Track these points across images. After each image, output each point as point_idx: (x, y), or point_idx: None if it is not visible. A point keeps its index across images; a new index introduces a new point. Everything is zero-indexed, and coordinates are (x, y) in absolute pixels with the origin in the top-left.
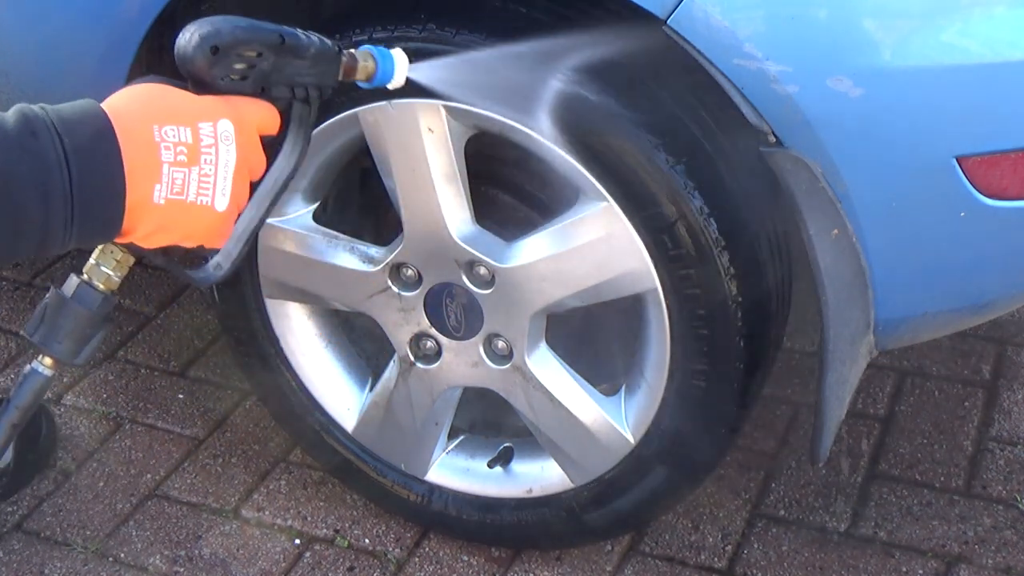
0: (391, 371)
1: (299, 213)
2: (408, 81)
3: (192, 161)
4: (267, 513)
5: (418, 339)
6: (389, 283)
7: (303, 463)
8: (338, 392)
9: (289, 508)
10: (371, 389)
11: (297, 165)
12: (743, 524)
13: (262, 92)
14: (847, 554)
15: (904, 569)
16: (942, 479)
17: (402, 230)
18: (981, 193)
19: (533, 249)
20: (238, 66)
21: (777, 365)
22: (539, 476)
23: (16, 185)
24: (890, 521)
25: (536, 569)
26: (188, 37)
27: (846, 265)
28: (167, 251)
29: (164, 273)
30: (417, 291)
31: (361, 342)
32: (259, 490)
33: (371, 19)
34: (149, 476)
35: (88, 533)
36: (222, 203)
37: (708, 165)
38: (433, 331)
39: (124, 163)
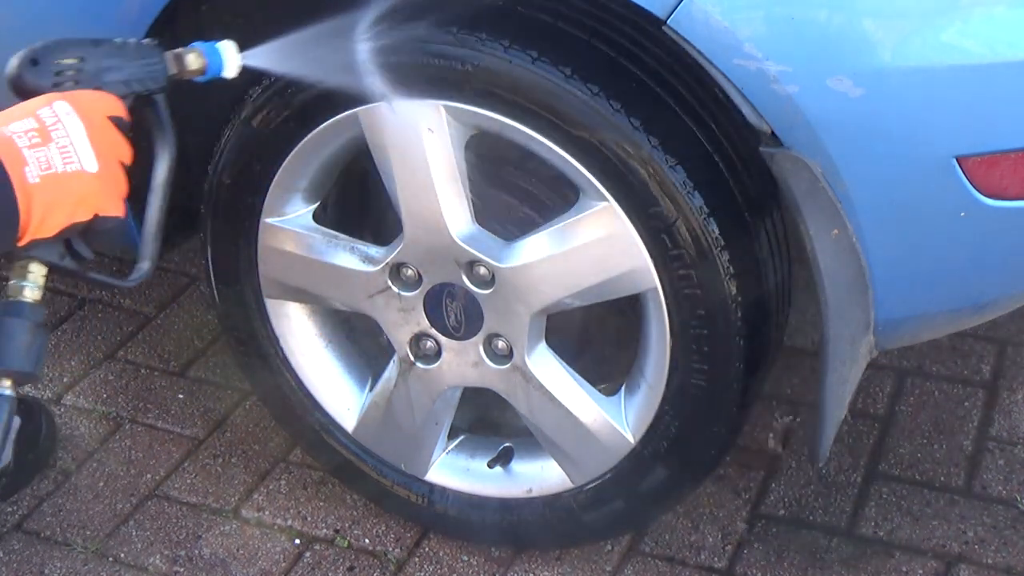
0: (391, 371)
1: (299, 213)
2: (245, 69)
3: (46, 139)
4: (267, 513)
5: (418, 339)
6: (389, 283)
7: (303, 463)
8: (338, 392)
9: (289, 508)
10: (371, 389)
11: (172, 155)
12: (743, 524)
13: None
14: (847, 554)
15: (904, 569)
16: (942, 479)
17: (402, 230)
18: (981, 193)
19: (533, 249)
20: (65, 72)
21: (777, 365)
22: (539, 476)
23: None
24: (890, 521)
25: (536, 569)
26: (11, 62)
27: (846, 265)
28: (80, 274)
29: (164, 273)
30: (417, 291)
31: (361, 342)
32: (259, 490)
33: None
34: (149, 476)
35: (88, 533)
36: (91, 164)
37: (708, 165)
38: (433, 331)
39: None
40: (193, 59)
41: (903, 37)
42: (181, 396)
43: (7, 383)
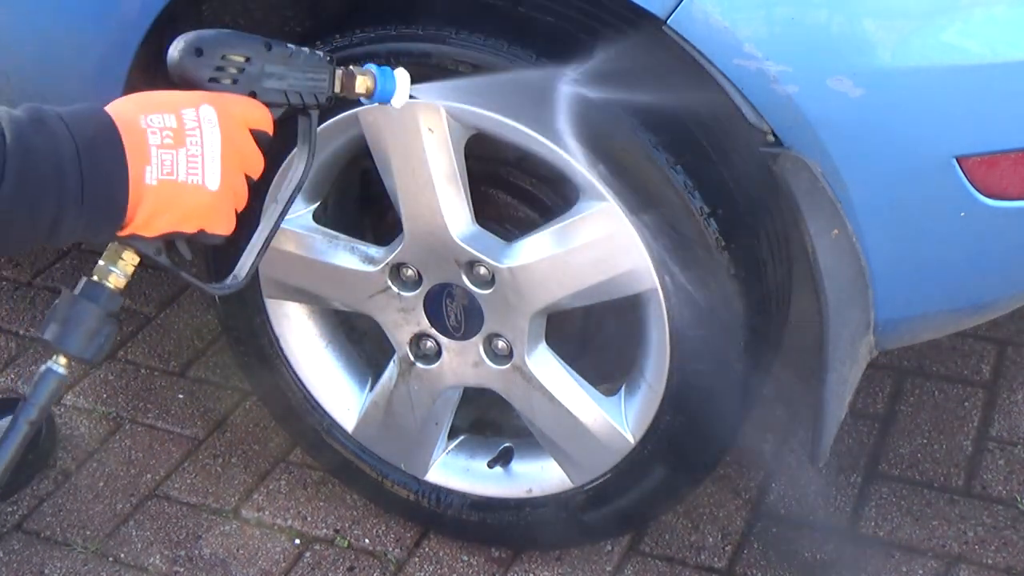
0: (391, 371)
1: (299, 213)
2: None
3: (178, 143)
4: (267, 513)
5: (418, 339)
6: (389, 283)
7: (303, 463)
8: (338, 392)
9: (289, 508)
10: (371, 389)
11: (306, 174)
12: (743, 524)
13: (252, 96)
14: (847, 554)
15: (904, 569)
16: (942, 479)
17: (402, 230)
18: (981, 193)
19: (533, 249)
20: (226, 69)
21: (777, 365)
22: (539, 476)
23: (33, 160)
24: (890, 521)
25: (536, 569)
26: (176, 43)
27: (846, 265)
28: (178, 261)
29: (164, 273)
30: (417, 291)
31: (361, 342)
32: (259, 490)
33: (371, 19)
34: (149, 476)
35: (88, 533)
36: (213, 182)
37: (708, 165)
38: (433, 331)
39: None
40: (363, 81)
41: (903, 37)
42: (181, 396)
43: (62, 361)
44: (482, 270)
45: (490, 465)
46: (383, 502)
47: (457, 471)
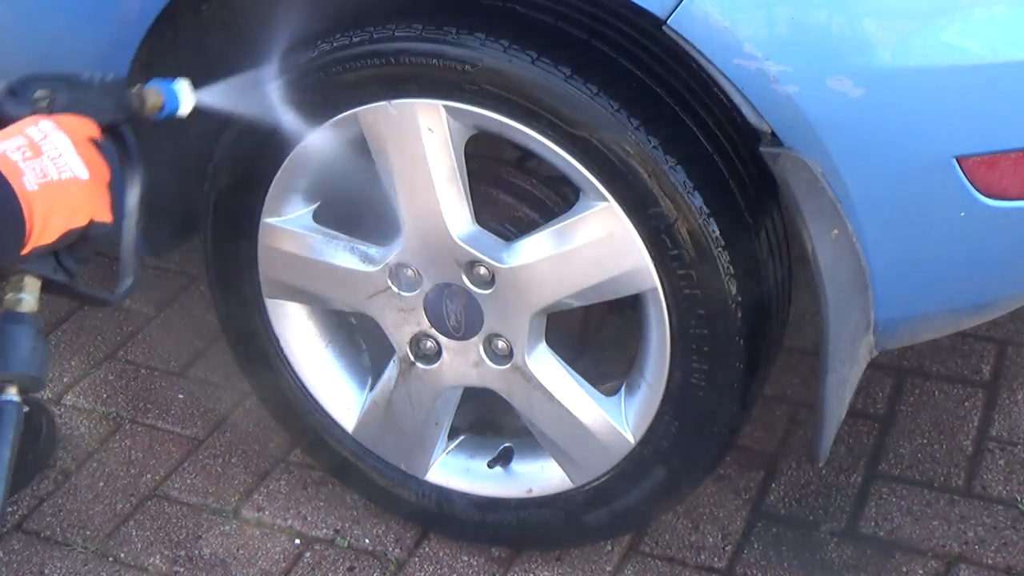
0: (391, 371)
1: (299, 213)
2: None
3: (37, 152)
4: (267, 513)
5: (418, 339)
6: (389, 283)
7: (303, 463)
8: (338, 392)
9: (289, 508)
10: (371, 389)
11: (141, 182)
12: (743, 524)
13: None
14: (847, 554)
15: (904, 569)
16: (942, 479)
17: (402, 230)
18: (981, 193)
19: (533, 249)
20: (39, 101)
21: (777, 365)
22: (539, 476)
23: None
24: (890, 521)
25: (536, 569)
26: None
27: (846, 265)
28: (71, 289)
29: (164, 273)
30: (417, 291)
31: (361, 342)
32: (259, 490)
33: (371, 19)
34: (149, 476)
35: (88, 533)
36: (82, 172)
37: (708, 165)
38: (433, 331)
39: None
40: (157, 97)
41: (903, 37)
42: (181, 396)
43: (12, 390)
44: (482, 270)
45: (490, 465)
46: (383, 502)
47: (457, 471)
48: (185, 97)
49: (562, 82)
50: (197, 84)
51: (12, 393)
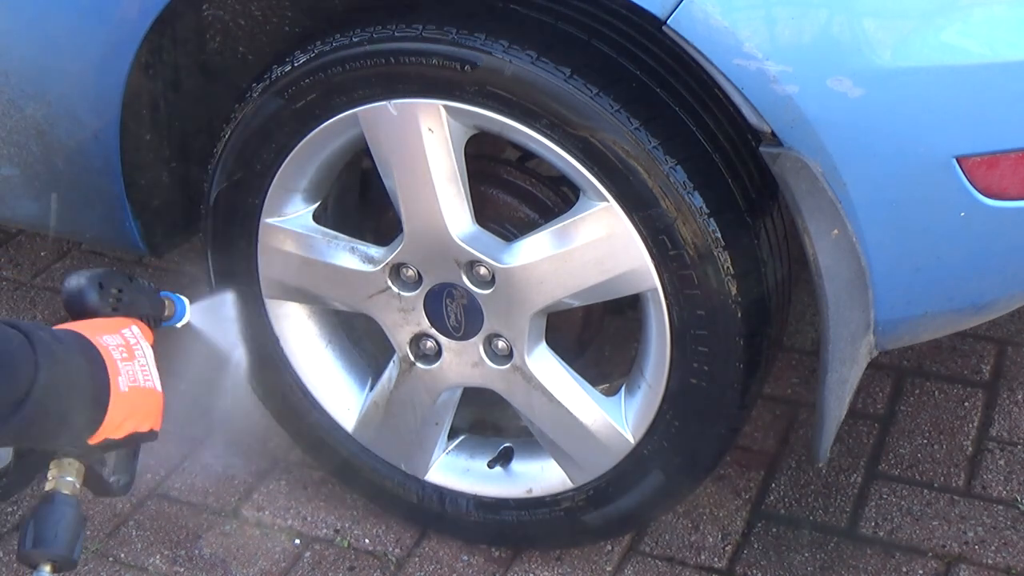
0: (391, 371)
1: (299, 213)
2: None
3: (131, 355)
4: (267, 513)
5: (418, 339)
6: (389, 283)
7: (303, 463)
8: (338, 392)
9: (289, 508)
10: (371, 389)
11: None
12: (743, 524)
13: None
14: (847, 554)
15: (904, 569)
16: (942, 479)
17: (402, 230)
18: (981, 193)
19: (533, 249)
20: (112, 299)
21: (777, 365)
22: (539, 476)
23: (59, 371)
24: (890, 521)
25: (536, 569)
26: (75, 279)
27: (846, 265)
28: (102, 480)
29: (164, 273)
30: (417, 291)
31: (361, 342)
32: (259, 490)
33: (371, 19)
34: (149, 476)
35: (88, 533)
36: (158, 384)
37: (708, 165)
38: (433, 331)
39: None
40: (169, 305)
41: (903, 37)
42: (181, 396)
43: (47, 568)
44: (482, 270)
45: (490, 465)
46: (383, 502)
47: (457, 471)
48: (187, 311)
49: (562, 82)
50: (196, 84)
51: (46, 571)
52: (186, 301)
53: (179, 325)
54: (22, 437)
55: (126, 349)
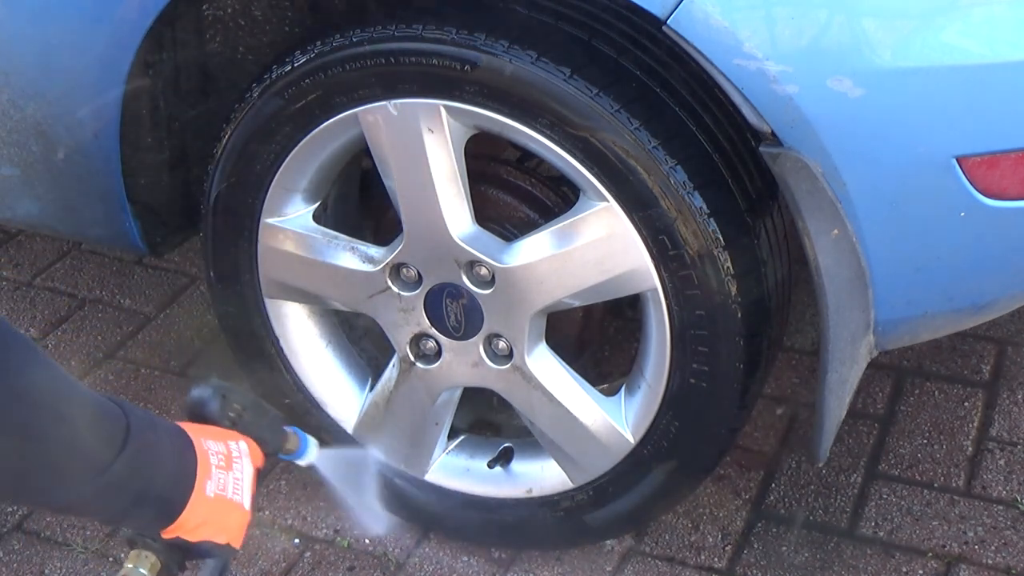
0: (391, 371)
1: (299, 213)
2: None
3: (228, 467)
4: (267, 513)
5: (418, 339)
6: (389, 283)
7: None
8: (338, 392)
9: (289, 508)
10: (371, 389)
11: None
12: (743, 524)
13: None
14: (847, 554)
15: (904, 569)
16: (942, 479)
17: (402, 230)
18: (981, 193)
19: (533, 249)
20: (233, 413)
21: (777, 365)
22: (539, 476)
23: (147, 453)
24: (890, 521)
25: (536, 569)
26: (204, 388)
27: (846, 265)
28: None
29: (164, 273)
30: (417, 291)
31: (361, 342)
32: (259, 490)
33: (372, 18)
34: None
35: (88, 533)
36: (248, 503)
37: (708, 165)
38: (433, 331)
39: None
40: (293, 439)
41: (903, 37)
42: (181, 396)
43: None
44: (482, 270)
45: (490, 465)
46: (383, 502)
47: (457, 471)
48: (311, 452)
49: (562, 82)
50: (196, 85)
51: None
52: (313, 442)
53: (301, 463)
54: (97, 509)
55: (225, 459)
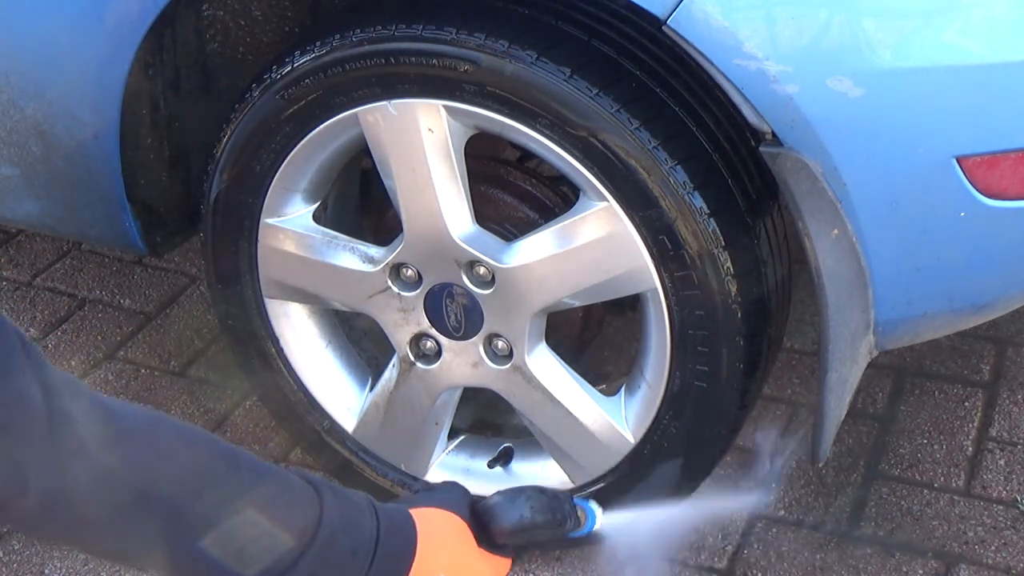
0: (391, 371)
1: (299, 213)
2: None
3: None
4: None
5: (418, 339)
6: (389, 283)
7: (303, 463)
8: (338, 392)
9: None
10: (371, 389)
11: None
12: (743, 524)
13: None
14: (847, 554)
15: (904, 569)
16: (942, 479)
17: (402, 230)
18: (981, 193)
19: (533, 249)
20: (529, 538)
21: (777, 365)
22: (539, 476)
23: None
24: (890, 521)
25: (536, 569)
26: (522, 514)
27: (846, 265)
28: None
29: (164, 273)
30: (417, 291)
31: (361, 342)
32: None
33: (372, 18)
34: None
35: None
36: None
37: (708, 165)
38: (433, 331)
39: None
40: (581, 515)
41: (903, 37)
42: (181, 396)
43: None
44: (482, 270)
45: (490, 465)
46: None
47: (457, 471)
48: (598, 518)
49: (562, 82)
50: (196, 85)
51: None
52: (595, 506)
53: (591, 534)
54: None
55: None
